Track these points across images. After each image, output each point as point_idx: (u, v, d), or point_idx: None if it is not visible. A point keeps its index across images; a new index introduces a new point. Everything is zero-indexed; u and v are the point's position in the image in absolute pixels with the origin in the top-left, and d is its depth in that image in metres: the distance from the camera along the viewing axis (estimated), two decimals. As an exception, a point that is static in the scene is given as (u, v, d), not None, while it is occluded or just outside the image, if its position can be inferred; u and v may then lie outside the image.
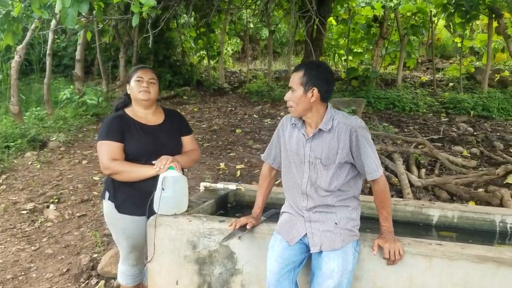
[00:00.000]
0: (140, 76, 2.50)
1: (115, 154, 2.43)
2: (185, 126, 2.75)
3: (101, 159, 2.44)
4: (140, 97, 2.51)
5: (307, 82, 2.01)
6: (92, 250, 3.64)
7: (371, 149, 2.00)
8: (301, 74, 2.03)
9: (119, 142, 2.45)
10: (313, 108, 2.05)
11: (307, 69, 2.03)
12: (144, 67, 2.59)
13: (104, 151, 2.43)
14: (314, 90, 2.01)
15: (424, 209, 2.83)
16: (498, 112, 8.16)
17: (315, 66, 2.07)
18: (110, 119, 2.54)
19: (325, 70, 2.07)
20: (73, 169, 5.51)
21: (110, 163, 2.40)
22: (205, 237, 2.39)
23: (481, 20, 9.74)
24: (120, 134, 2.47)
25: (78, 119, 7.44)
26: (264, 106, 8.96)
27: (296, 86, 2.04)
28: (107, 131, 2.46)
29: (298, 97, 2.03)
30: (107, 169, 2.42)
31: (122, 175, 2.43)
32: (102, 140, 2.46)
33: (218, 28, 11.04)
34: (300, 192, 2.11)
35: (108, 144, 2.43)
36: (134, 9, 2.05)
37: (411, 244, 2.12)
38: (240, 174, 5.31)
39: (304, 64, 2.09)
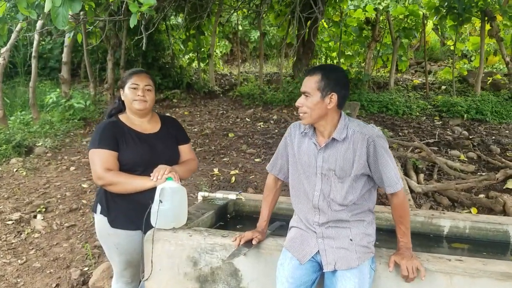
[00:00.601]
0: (135, 83, 2.33)
1: (109, 163, 2.26)
2: (182, 135, 2.60)
3: (93, 169, 2.27)
4: (135, 106, 2.35)
5: (325, 87, 1.86)
6: (83, 263, 3.46)
7: (390, 160, 1.86)
8: (318, 78, 1.87)
9: (113, 150, 2.28)
10: (328, 115, 1.90)
11: (325, 73, 1.88)
12: (140, 72, 2.41)
13: (97, 160, 2.26)
14: (333, 95, 1.86)
15: (435, 219, 2.71)
16: (492, 115, 8.13)
17: (333, 69, 1.93)
18: (103, 125, 2.37)
19: (343, 74, 1.93)
20: (61, 176, 5.29)
21: (104, 173, 2.23)
22: (207, 253, 2.23)
23: (472, 23, 9.71)
24: (114, 142, 2.30)
25: (65, 124, 7.20)
26: (256, 109, 8.80)
27: (312, 91, 1.88)
28: (100, 139, 2.29)
29: (314, 103, 1.88)
30: (100, 179, 2.24)
31: (117, 187, 2.26)
32: (95, 148, 2.28)
33: (208, 30, 10.86)
34: (311, 206, 1.96)
35: (102, 153, 2.26)
36: (132, 9, 1.89)
37: (430, 260, 1.99)
38: (235, 180, 5.15)
39: (320, 67, 1.94)
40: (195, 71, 11.64)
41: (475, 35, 11.76)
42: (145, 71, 2.47)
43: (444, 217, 2.72)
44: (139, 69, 2.48)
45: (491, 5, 8.31)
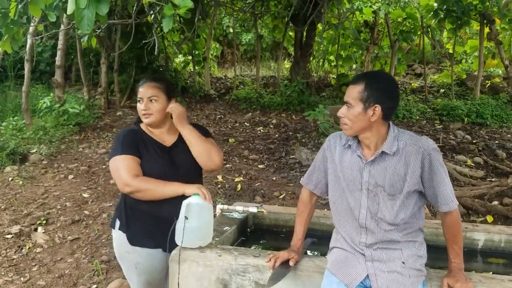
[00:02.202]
0: (140, 96, 2.17)
1: (136, 169, 2.10)
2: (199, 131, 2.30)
3: (119, 176, 2.09)
4: (143, 120, 2.20)
5: (368, 98, 1.72)
6: (91, 280, 3.27)
7: (445, 175, 1.73)
8: (361, 88, 1.73)
9: (137, 157, 2.12)
10: (373, 127, 1.76)
11: (369, 82, 1.73)
12: (145, 82, 2.21)
13: (122, 166, 2.08)
14: (376, 108, 1.72)
15: (469, 232, 2.59)
16: (492, 119, 8.09)
17: (378, 78, 1.78)
18: (124, 133, 2.22)
19: (390, 83, 1.78)
20: (59, 185, 5.08)
21: (131, 179, 2.05)
22: (239, 275, 2.07)
23: (470, 27, 9.69)
24: (137, 149, 2.14)
25: (60, 129, 6.96)
26: (254, 113, 8.66)
27: (354, 101, 1.74)
28: (122, 145, 2.13)
29: (356, 114, 1.74)
30: (128, 186, 2.06)
31: (145, 193, 2.08)
32: (118, 154, 2.11)
33: (203, 33, 10.69)
34: (357, 225, 1.82)
35: (126, 158, 2.09)
36: (167, 12, 1.72)
37: (483, 282, 1.86)
38: (241, 188, 4.99)
39: (365, 75, 1.80)
40: (190, 74, 11.45)
41: (465, 38, 11.80)
42: (154, 78, 2.26)
43: (478, 230, 2.60)
44: (147, 78, 2.28)
45: (490, 9, 8.28)
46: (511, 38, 8.64)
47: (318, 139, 6.80)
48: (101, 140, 6.94)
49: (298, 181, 5.16)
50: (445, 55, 12.96)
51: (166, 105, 2.19)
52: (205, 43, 10.66)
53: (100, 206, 4.51)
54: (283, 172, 5.59)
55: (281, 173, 5.57)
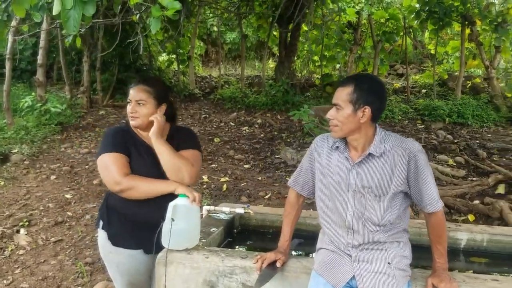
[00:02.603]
0: (129, 98, 2.14)
1: (126, 167, 2.07)
2: (184, 142, 2.26)
3: (108, 174, 2.05)
4: (130, 122, 2.16)
5: (357, 100, 1.73)
6: (75, 282, 3.23)
7: (431, 176, 1.76)
8: (350, 90, 1.75)
9: (126, 155, 2.10)
10: (362, 129, 1.78)
11: (358, 84, 1.75)
12: (136, 85, 2.16)
13: (111, 165, 2.05)
14: (366, 109, 1.74)
15: (452, 232, 2.63)
16: (473, 119, 8.24)
17: (367, 80, 1.80)
18: (113, 131, 2.19)
19: (378, 85, 1.80)
20: (41, 185, 5.01)
21: (122, 177, 2.02)
22: (226, 277, 2.07)
23: (451, 27, 9.85)
24: (126, 148, 2.11)
25: (42, 129, 6.86)
26: (239, 113, 8.66)
27: (344, 103, 1.75)
28: (112, 143, 2.10)
29: (346, 116, 1.75)
30: (118, 184, 2.03)
31: (136, 191, 2.05)
32: (107, 152, 2.08)
33: (187, 32, 10.64)
34: (344, 226, 1.84)
35: (116, 156, 2.06)
36: (155, 13, 1.71)
37: (467, 281, 1.89)
38: (226, 188, 4.98)
39: (353, 77, 1.81)
40: (174, 73, 11.39)
41: (447, 39, 11.98)
42: (146, 81, 2.20)
43: (461, 230, 2.64)
44: (138, 79, 2.22)
45: (471, 10, 8.43)
46: (491, 39, 8.79)
47: (303, 139, 6.84)
48: (84, 139, 6.86)
49: (284, 181, 5.19)
50: (427, 56, 13.15)
51: (155, 110, 2.15)
52: (189, 42, 10.62)
53: (83, 207, 4.46)
54: (269, 172, 5.61)
55: (266, 173, 5.59)
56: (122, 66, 9.95)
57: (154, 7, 1.71)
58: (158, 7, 1.71)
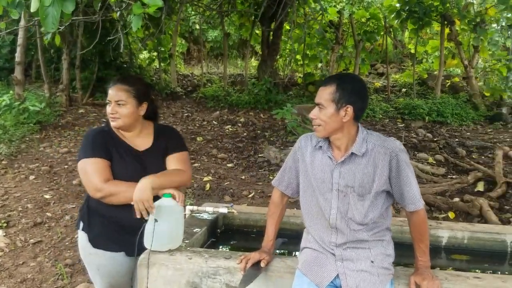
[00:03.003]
0: (108, 99, 2.09)
1: (107, 173, 2.03)
2: (173, 143, 2.24)
3: (89, 181, 2.02)
4: (111, 124, 2.12)
5: (340, 99, 1.74)
6: (54, 284, 3.17)
7: (412, 176, 1.77)
8: (332, 89, 1.75)
9: (107, 159, 2.05)
10: (344, 128, 1.79)
11: (340, 83, 1.76)
12: (114, 84, 2.11)
13: (92, 171, 2.01)
14: (348, 108, 1.75)
15: (433, 230, 2.66)
16: (452, 117, 8.37)
17: (349, 79, 1.81)
18: (93, 133, 2.13)
19: (360, 85, 1.81)
20: (20, 186, 4.90)
21: (103, 184, 1.99)
22: (209, 278, 2.06)
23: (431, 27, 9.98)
24: (107, 151, 2.07)
25: (20, 128, 6.71)
26: (222, 111, 8.62)
27: (326, 102, 1.76)
28: (92, 147, 2.05)
29: (328, 115, 1.76)
30: (99, 191, 2.00)
31: (117, 197, 2.02)
32: (87, 157, 2.03)
33: (169, 29, 10.55)
34: (327, 225, 1.84)
35: (96, 162, 2.02)
36: (136, 10, 1.68)
37: (449, 279, 1.91)
38: (210, 187, 4.96)
39: (336, 77, 1.82)
40: (156, 71, 11.28)
41: (427, 38, 12.14)
42: (124, 80, 2.14)
43: (442, 227, 2.68)
44: (117, 78, 2.16)
45: (450, 10, 8.56)
46: (470, 39, 8.94)
47: (286, 138, 6.85)
48: (63, 139, 6.74)
49: (267, 180, 5.19)
50: (407, 55, 13.31)
51: (136, 109, 2.11)
52: (170, 40, 10.52)
53: (62, 208, 4.38)
54: (252, 171, 5.60)
55: (249, 171, 5.58)
56: (102, 64, 9.80)
57: (135, 4, 1.68)
58: (139, 4, 1.68)
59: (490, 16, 8.71)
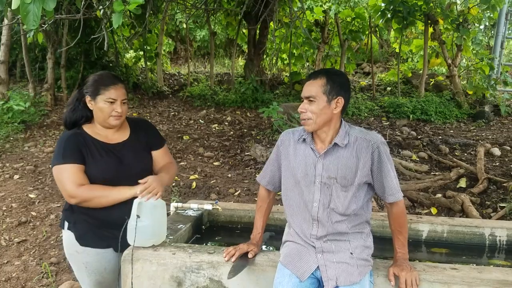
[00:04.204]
0: (113, 98, 2.09)
1: (80, 178, 2.04)
2: (154, 138, 2.35)
3: (63, 187, 2.04)
4: (111, 122, 2.14)
5: (331, 91, 1.79)
6: (39, 282, 3.16)
7: (391, 168, 1.82)
8: (323, 82, 1.79)
9: (80, 164, 2.06)
10: (332, 120, 1.83)
11: (330, 76, 1.80)
12: (117, 83, 2.13)
13: (65, 177, 2.03)
14: (339, 99, 1.79)
15: (413, 224, 2.72)
16: (436, 115, 8.47)
17: (336, 72, 1.86)
18: (65, 138, 2.12)
19: (346, 78, 1.88)
20: (4, 185, 4.86)
21: (76, 190, 2.01)
22: (193, 272, 2.08)
23: (415, 26, 10.09)
24: (80, 154, 2.07)
25: (4, 128, 6.65)
26: (209, 110, 8.62)
27: (318, 95, 1.79)
28: (64, 153, 2.06)
29: (321, 108, 1.79)
30: (73, 197, 2.02)
31: (92, 202, 2.05)
32: (60, 163, 2.05)
33: (155, 28, 10.52)
34: (309, 217, 1.88)
35: (69, 168, 2.04)
36: (117, 7, 1.69)
37: (426, 270, 1.97)
38: (196, 185, 4.97)
39: (323, 71, 1.86)
40: (142, 70, 11.23)
41: (411, 37, 12.27)
42: (121, 80, 2.20)
43: (422, 221, 2.74)
44: (114, 77, 2.17)
45: (434, 9, 8.66)
46: (453, 38, 9.06)
47: (272, 136, 6.88)
48: (48, 138, 6.70)
49: (253, 178, 5.22)
50: (392, 54, 13.44)
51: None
52: (157, 39, 10.49)
53: (47, 207, 4.36)
54: (238, 169, 5.62)
55: (236, 170, 5.60)
56: (87, 63, 9.74)
57: (116, 2, 1.70)
58: (120, 1, 1.69)
59: (472, 16, 8.84)
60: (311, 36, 9.90)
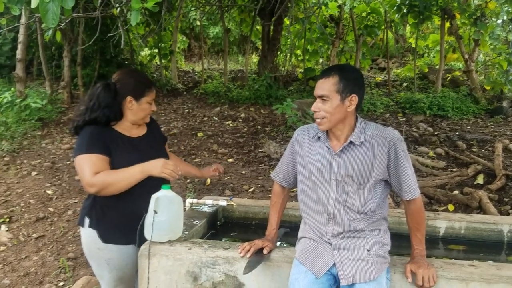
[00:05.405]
0: (153, 99, 2.21)
1: (100, 168, 2.05)
2: (162, 134, 2.50)
3: (82, 177, 2.06)
4: (146, 120, 2.25)
5: (344, 89, 1.75)
6: (57, 277, 3.21)
7: (409, 165, 1.80)
8: (335, 80, 1.76)
9: (103, 155, 2.08)
10: (347, 118, 1.81)
11: (343, 74, 1.77)
12: (152, 83, 2.27)
13: (85, 167, 2.04)
14: (353, 97, 1.77)
15: (430, 220, 2.69)
16: (453, 111, 8.36)
17: (349, 69, 1.83)
18: (90, 129, 2.14)
19: (359, 74, 1.85)
20: (22, 182, 4.94)
21: (93, 179, 2.02)
22: (208, 267, 2.09)
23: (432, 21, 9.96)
24: (104, 146, 2.10)
25: (22, 125, 6.76)
26: (223, 107, 8.64)
27: (331, 94, 1.76)
28: (88, 143, 2.08)
29: (334, 106, 1.76)
30: (92, 186, 2.03)
31: (111, 188, 2.06)
32: (83, 153, 2.07)
33: (169, 26, 10.56)
34: (325, 215, 1.87)
35: (91, 158, 2.05)
36: (135, 5, 1.70)
37: (444, 267, 1.94)
38: (210, 182, 4.99)
39: (336, 67, 1.83)
40: (157, 67, 11.30)
41: (427, 32, 12.12)
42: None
43: (440, 218, 2.71)
44: (149, 78, 2.35)
45: (451, 4, 8.53)
46: (470, 32, 8.92)
47: (286, 133, 6.87)
48: (65, 135, 6.78)
49: (267, 175, 5.22)
50: (407, 50, 13.29)
51: None
52: (171, 36, 10.53)
53: (65, 203, 4.42)
54: (252, 166, 5.63)
55: (250, 166, 5.61)
56: (103, 61, 9.83)
57: (135, 0, 1.70)
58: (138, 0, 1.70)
59: (490, 10, 8.69)
60: (326, 32, 9.85)
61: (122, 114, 2.19)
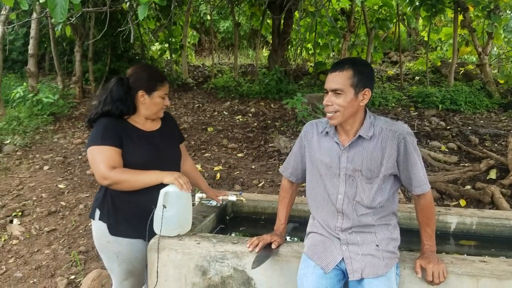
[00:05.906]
0: (166, 93, 2.22)
1: (114, 161, 2.07)
2: (180, 132, 2.50)
3: (96, 168, 2.06)
4: (159, 114, 2.24)
5: (358, 83, 1.73)
6: (69, 271, 3.24)
7: (419, 159, 1.77)
8: (350, 74, 1.73)
9: (117, 147, 2.09)
10: (358, 112, 1.79)
11: (356, 67, 1.74)
12: (165, 77, 2.27)
13: (99, 159, 2.05)
14: (367, 91, 1.75)
15: (442, 216, 2.66)
16: (466, 105, 8.26)
17: (361, 63, 1.81)
18: (105, 121, 2.16)
19: (371, 68, 1.82)
20: (34, 176, 5.00)
21: (108, 172, 2.03)
22: (217, 262, 2.09)
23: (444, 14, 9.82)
24: (118, 139, 2.11)
25: (34, 119, 6.83)
26: (233, 102, 8.64)
27: (346, 87, 1.73)
28: (103, 135, 2.09)
29: (348, 100, 1.74)
30: (105, 179, 2.04)
31: (124, 184, 2.07)
32: (97, 145, 2.08)
33: (179, 20, 10.56)
34: (334, 210, 1.85)
35: (105, 150, 2.07)
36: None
37: (455, 263, 1.92)
38: (220, 176, 5.00)
39: (348, 61, 1.80)
40: (167, 62, 11.32)
41: (440, 25, 11.97)
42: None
43: (451, 213, 2.68)
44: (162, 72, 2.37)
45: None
46: (484, 25, 8.78)
47: (296, 127, 6.84)
48: (77, 130, 6.84)
49: (277, 169, 5.20)
50: (420, 43, 13.14)
51: None
52: (181, 31, 10.54)
53: (76, 197, 4.46)
54: (262, 160, 5.62)
55: (260, 161, 5.60)
56: (114, 56, 9.87)
57: (142, -7, 1.70)
58: (146, -7, 1.70)
59: (504, 2, 8.53)
60: (337, 25, 9.77)
61: (135, 108, 2.20)
